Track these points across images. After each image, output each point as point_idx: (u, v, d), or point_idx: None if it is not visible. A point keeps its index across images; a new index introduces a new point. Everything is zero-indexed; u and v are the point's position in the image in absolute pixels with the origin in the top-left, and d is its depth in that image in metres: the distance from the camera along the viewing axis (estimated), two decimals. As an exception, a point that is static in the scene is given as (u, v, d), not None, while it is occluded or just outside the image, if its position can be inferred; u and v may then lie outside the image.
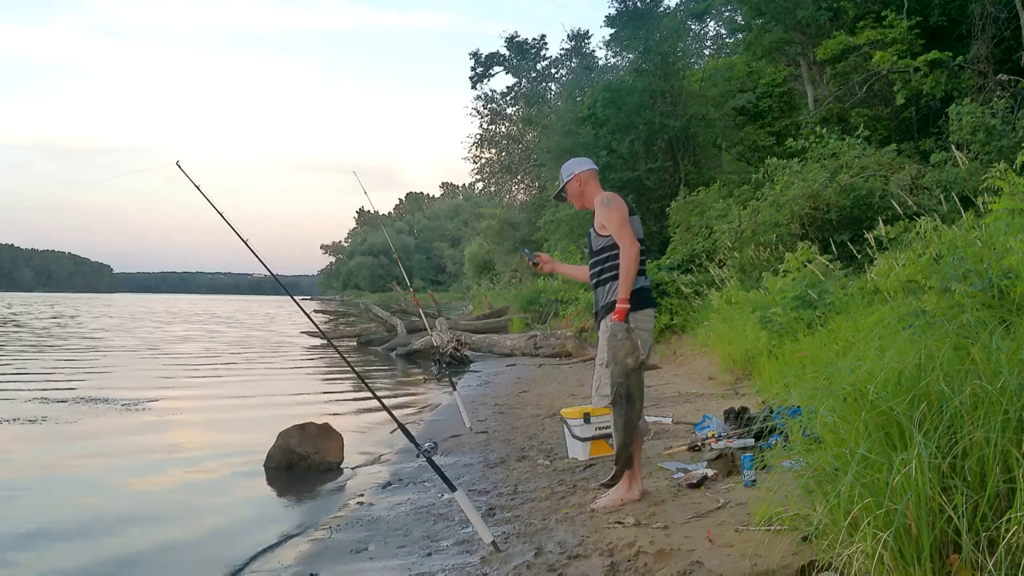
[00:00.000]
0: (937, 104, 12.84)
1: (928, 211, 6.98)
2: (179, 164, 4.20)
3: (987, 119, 9.10)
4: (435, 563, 3.47)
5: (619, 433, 3.73)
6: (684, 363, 9.94)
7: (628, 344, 3.62)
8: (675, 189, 15.43)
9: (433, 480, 4.91)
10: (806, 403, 3.04)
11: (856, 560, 2.18)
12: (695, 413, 6.12)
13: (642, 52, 17.93)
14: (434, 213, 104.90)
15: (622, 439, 3.73)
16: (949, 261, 4.27)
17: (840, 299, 6.53)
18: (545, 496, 4.31)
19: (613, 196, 3.88)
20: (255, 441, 6.34)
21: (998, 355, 2.45)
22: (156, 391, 10.00)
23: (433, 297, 24.74)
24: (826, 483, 2.51)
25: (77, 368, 13.15)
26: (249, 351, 17.71)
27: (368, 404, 8.55)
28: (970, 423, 2.25)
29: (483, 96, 34.38)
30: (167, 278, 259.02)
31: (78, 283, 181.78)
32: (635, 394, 3.67)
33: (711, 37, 27.16)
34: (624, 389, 3.66)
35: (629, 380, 3.65)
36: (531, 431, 6.56)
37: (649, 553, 3.03)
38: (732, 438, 4.69)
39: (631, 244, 3.70)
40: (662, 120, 16.68)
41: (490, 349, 15.31)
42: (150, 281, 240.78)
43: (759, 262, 9.95)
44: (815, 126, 12.36)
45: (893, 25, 13.86)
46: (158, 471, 5.97)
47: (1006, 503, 2.13)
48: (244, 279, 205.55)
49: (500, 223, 34.68)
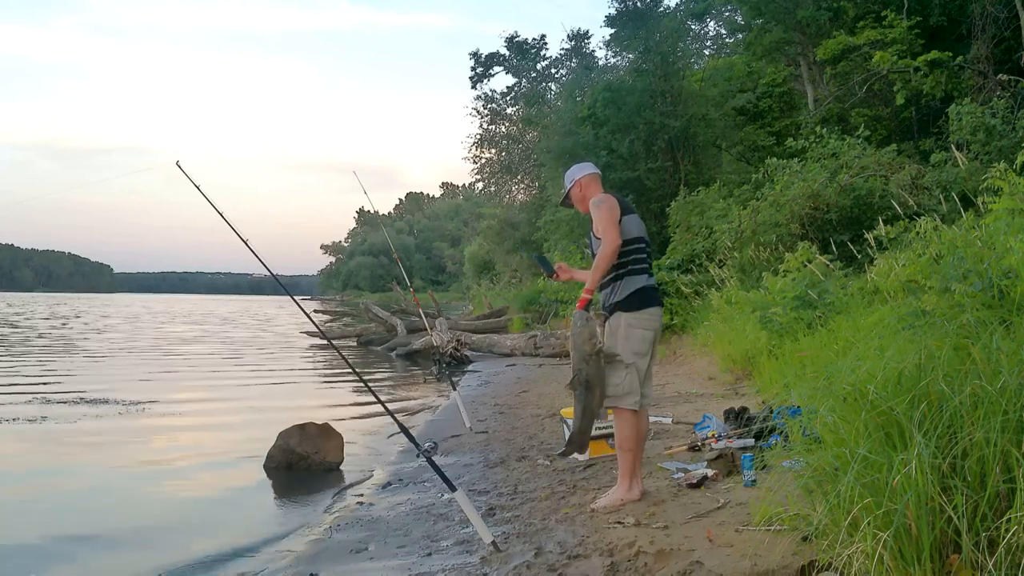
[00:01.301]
0: (937, 104, 12.85)
1: (928, 211, 6.97)
2: (179, 164, 4.21)
3: (987, 119, 9.10)
4: (435, 563, 3.47)
5: (577, 420, 3.83)
6: (684, 363, 9.94)
7: (586, 331, 3.70)
8: (675, 189, 15.43)
9: (433, 480, 4.91)
10: (806, 403, 3.04)
11: (856, 560, 2.18)
12: (695, 413, 6.12)
13: (642, 52, 17.94)
14: (434, 213, 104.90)
15: (579, 425, 3.83)
16: (949, 261, 4.27)
17: (840, 299, 6.53)
18: (545, 496, 4.30)
19: (606, 197, 3.90)
20: (255, 441, 6.35)
21: (998, 355, 2.45)
22: (156, 391, 10.00)
23: (433, 297, 24.73)
24: (826, 483, 2.51)
25: (77, 369, 13.15)
26: (249, 351, 17.71)
27: (368, 404, 8.55)
28: (970, 423, 2.25)
29: (483, 96, 34.41)
30: (167, 278, 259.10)
31: (78, 283, 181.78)
32: (594, 381, 3.73)
33: (711, 37, 27.19)
34: (583, 376, 3.72)
35: (587, 366, 3.70)
36: (531, 431, 6.56)
37: (649, 553, 3.03)
38: (732, 438, 4.69)
39: (612, 240, 3.74)
40: (662, 120, 16.68)
41: (490, 349, 15.31)
42: (150, 281, 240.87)
43: (759, 262, 9.95)
44: (815, 126, 12.36)
45: (893, 25, 13.87)
46: (158, 471, 5.97)
47: (1006, 503, 2.13)
48: (244, 279, 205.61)
49: (500, 223, 34.67)
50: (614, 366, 3.80)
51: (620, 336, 3.81)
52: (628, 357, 3.78)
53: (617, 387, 3.78)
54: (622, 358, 3.77)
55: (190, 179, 4.23)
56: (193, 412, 8.76)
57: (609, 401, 3.84)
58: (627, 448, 3.84)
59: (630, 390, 3.78)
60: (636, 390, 3.79)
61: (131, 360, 14.97)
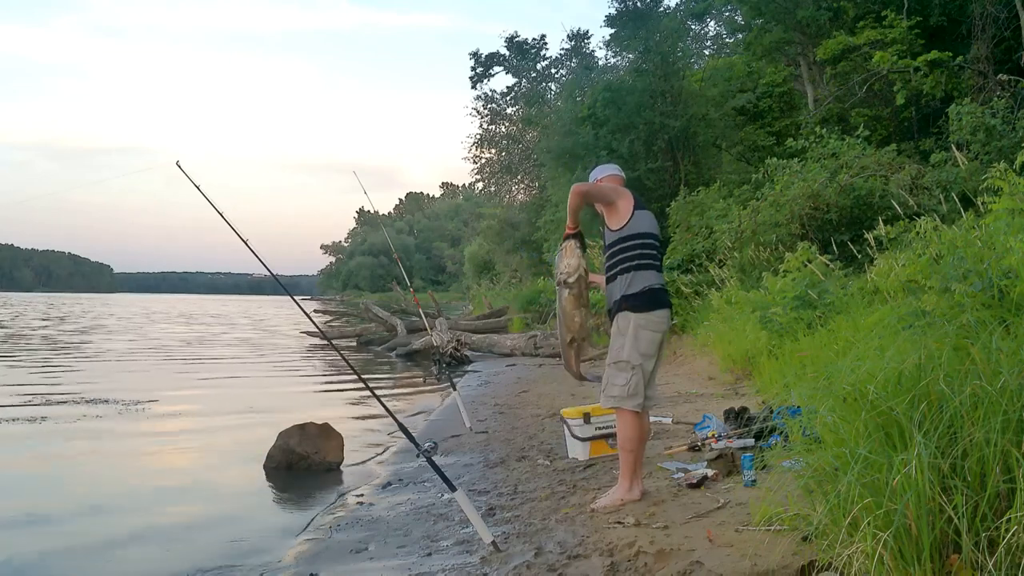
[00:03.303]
0: (937, 104, 12.84)
1: (928, 211, 6.97)
2: (179, 164, 4.21)
3: (987, 119, 9.09)
4: (435, 563, 3.47)
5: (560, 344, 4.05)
6: (684, 363, 9.94)
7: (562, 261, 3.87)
8: (675, 189, 15.42)
9: (433, 480, 4.91)
10: (806, 403, 3.04)
11: (856, 560, 2.18)
12: (695, 413, 6.12)
13: (642, 52, 17.93)
14: (434, 213, 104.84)
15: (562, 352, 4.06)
16: (949, 261, 4.26)
17: (840, 299, 6.53)
18: (545, 496, 4.30)
19: (623, 188, 4.00)
20: (255, 441, 6.34)
21: (998, 355, 2.45)
22: (155, 392, 9.99)
23: (433, 297, 24.73)
24: (826, 483, 2.51)
25: (78, 369, 13.14)
26: (249, 351, 17.71)
27: (368, 404, 8.55)
28: (970, 423, 2.25)
29: (483, 96, 34.38)
30: (167, 278, 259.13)
31: (78, 283, 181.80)
32: (561, 311, 3.92)
33: (711, 37, 27.16)
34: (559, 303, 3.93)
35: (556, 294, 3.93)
36: (531, 431, 6.56)
37: (649, 553, 3.03)
38: (732, 438, 4.69)
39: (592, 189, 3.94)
40: (662, 120, 16.67)
41: (490, 349, 15.31)
42: (150, 281, 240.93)
43: (759, 262, 9.95)
44: (815, 126, 12.35)
45: (893, 25, 13.86)
46: (157, 471, 5.97)
47: (1006, 503, 2.13)
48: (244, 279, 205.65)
49: (500, 223, 34.68)
50: (618, 368, 3.80)
51: (628, 337, 3.79)
52: (635, 359, 3.77)
53: (622, 388, 3.77)
54: (628, 359, 3.77)
55: (190, 179, 4.23)
56: (193, 412, 8.75)
57: (613, 402, 3.84)
58: (629, 449, 3.83)
59: (635, 392, 3.77)
60: (640, 392, 3.78)
61: (131, 360, 14.96)
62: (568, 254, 3.84)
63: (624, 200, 3.88)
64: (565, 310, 3.89)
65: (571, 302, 3.86)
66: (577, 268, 3.81)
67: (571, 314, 3.87)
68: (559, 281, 3.88)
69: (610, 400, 3.85)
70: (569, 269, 3.82)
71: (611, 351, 3.88)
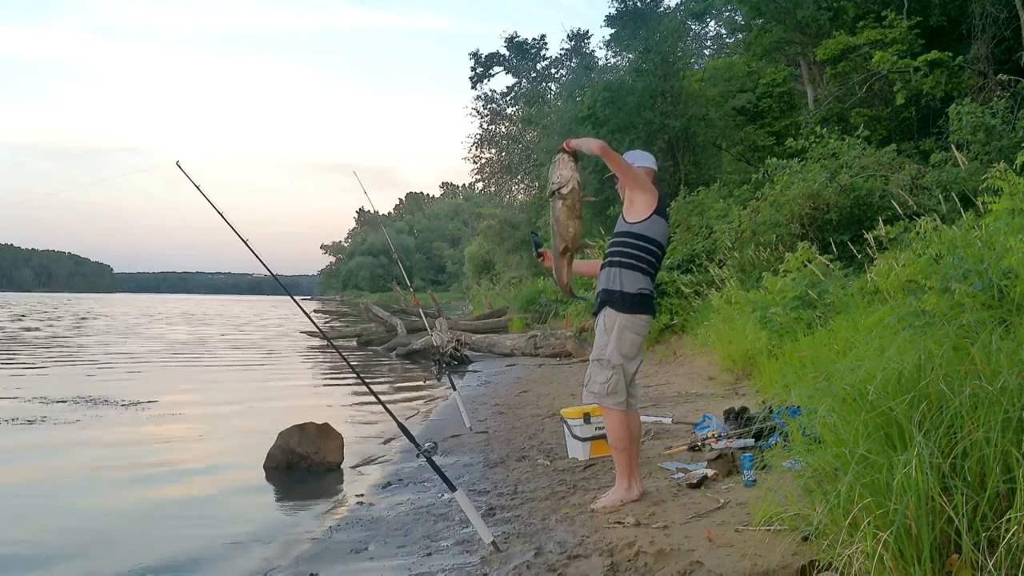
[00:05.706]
0: (937, 104, 12.83)
1: (928, 211, 6.96)
2: (179, 164, 4.20)
3: (987, 119, 9.09)
4: (435, 563, 3.47)
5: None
6: (684, 363, 9.94)
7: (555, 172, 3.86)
8: (675, 189, 15.43)
9: (433, 480, 4.92)
10: (806, 403, 3.04)
11: (856, 560, 2.18)
12: (695, 413, 6.12)
13: (642, 52, 17.94)
14: (434, 213, 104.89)
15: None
16: (949, 261, 4.26)
17: (840, 299, 6.52)
18: (545, 496, 4.30)
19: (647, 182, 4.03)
20: (255, 441, 6.34)
21: (998, 355, 2.45)
22: (155, 392, 9.99)
23: (433, 297, 24.73)
24: (826, 483, 2.51)
25: (78, 370, 13.14)
26: (249, 351, 17.71)
27: (368, 404, 8.55)
28: (970, 423, 2.25)
29: (483, 96, 34.42)
30: (167, 278, 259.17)
31: (78, 283, 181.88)
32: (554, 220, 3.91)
33: (711, 37, 27.19)
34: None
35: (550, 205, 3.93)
36: (531, 431, 6.55)
37: (649, 553, 3.03)
38: (732, 438, 4.69)
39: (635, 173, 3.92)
40: (662, 120, 16.67)
41: (490, 349, 15.30)
42: (150, 281, 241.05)
43: (759, 262, 9.94)
44: (815, 126, 12.33)
45: (893, 25, 13.86)
46: (157, 471, 5.96)
47: (1006, 503, 2.13)
48: (244, 279, 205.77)
49: (500, 223, 34.67)
50: (600, 365, 3.81)
51: (612, 336, 3.81)
52: (616, 359, 3.78)
53: (602, 386, 3.80)
54: (609, 359, 3.78)
55: (190, 179, 4.22)
56: (193, 412, 8.75)
57: (594, 398, 3.89)
58: (621, 447, 3.84)
59: (615, 390, 3.79)
60: (622, 391, 3.80)
61: (130, 361, 14.96)
62: (561, 165, 3.85)
63: (650, 197, 3.89)
64: (559, 220, 3.89)
65: (565, 212, 3.87)
66: (570, 179, 3.82)
67: (565, 224, 3.88)
68: (551, 192, 3.89)
69: (591, 396, 3.89)
70: (562, 180, 3.84)
71: (595, 347, 3.91)
